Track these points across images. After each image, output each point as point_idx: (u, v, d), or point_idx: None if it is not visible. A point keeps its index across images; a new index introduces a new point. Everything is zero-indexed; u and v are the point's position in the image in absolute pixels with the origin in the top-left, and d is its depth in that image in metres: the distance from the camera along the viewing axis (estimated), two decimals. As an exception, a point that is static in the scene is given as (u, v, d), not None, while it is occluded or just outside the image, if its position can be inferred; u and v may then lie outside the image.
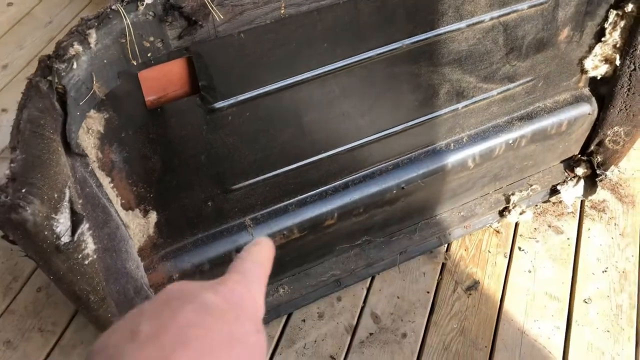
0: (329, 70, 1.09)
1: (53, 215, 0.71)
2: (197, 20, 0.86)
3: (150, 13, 0.82)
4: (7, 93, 2.11)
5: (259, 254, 0.40)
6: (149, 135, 0.98)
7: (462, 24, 1.18)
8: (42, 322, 1.48)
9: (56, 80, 0.75)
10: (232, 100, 1.02)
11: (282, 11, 0.94)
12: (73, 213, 0.74)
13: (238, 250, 1.23)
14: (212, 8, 0.85)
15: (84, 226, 0.78)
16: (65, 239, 0.74)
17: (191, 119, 1.00)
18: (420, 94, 1.27)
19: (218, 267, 1.22)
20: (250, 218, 1.23)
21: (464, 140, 1.43)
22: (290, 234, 1.29)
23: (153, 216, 1.08)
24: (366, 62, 1.13)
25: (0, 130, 1.96)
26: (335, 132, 1.23)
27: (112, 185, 0.95)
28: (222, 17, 0.87)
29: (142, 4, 0.81)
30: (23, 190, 0.67)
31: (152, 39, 0.85)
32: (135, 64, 0.86)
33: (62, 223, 0.73)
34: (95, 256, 0.83)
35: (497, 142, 1.45)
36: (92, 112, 0.84)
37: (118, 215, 0.97)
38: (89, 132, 0.86)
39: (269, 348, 1.44)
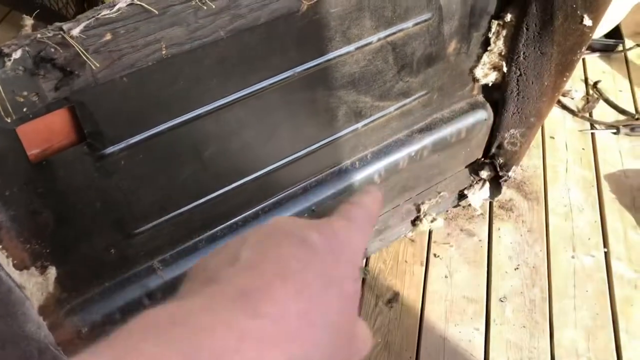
0: (222, 105, 1.09)
1: None
2: (73, 71, 0.83)
3: (20, 68, 0.79)
4: None
5: (368, 202, 0.37)
6: (37, 189, 0.94)
7: (351, 47, 1.20)
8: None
9: None
10: (122, 145, 1.00)
11: (164, 52, 0.93)
12: (-50, 287, 0.70)
13: (149, 295, 1.20)
14: (87, 57, 0.83)
15: (-34, 298, 0.74)
16: (-56, 315, 0.70)
17: (80, 168, 0.97)
18: (319, 118, 1.28)
19: (130, 315, 1.18)
20: (159, 260, 1.20)
21: (368, 157, 1.45)
22: (203, 270, 1.27)
23: (52, 272, 1.03)
24: (259, 93, 1.13)
25: None
26: (238, 164, 1.23)
27: (0, 247, 0.91)
28: (98, 65, 0.85)
29: (10, 60, 0.78)
30: None
31: (25, 93, 0.82)
32: (9, 120, 0.82)
33: (-62, 299, 0.68)
34: (-16, 326, 0.79)
35: (400, 155, 1.49)
36: (-33, 176, 0.80)
37: (10, 277, 0.92)
38: (-34, 196, 0.81)
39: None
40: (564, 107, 2.20)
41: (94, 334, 1.15)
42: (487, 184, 1.78)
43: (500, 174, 1.74)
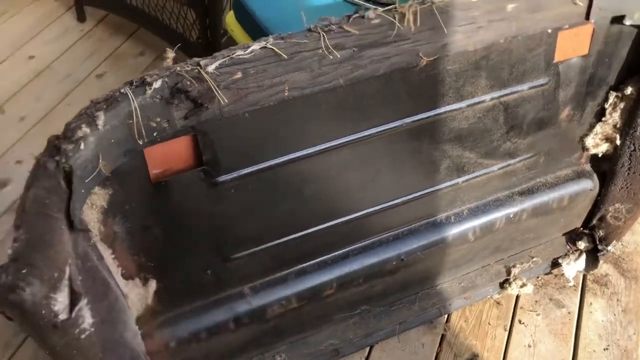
0: (331, 146, 1.12)
1: (52, 295, 0.73)
2: (203, 103, 0.89)
3: (158, 96, 0.86)
4: (23, 145, 2.16)
5: None
6: (152, 207, 1.00)
7: (463, 104, 1.21)
8: (38, 380, 1.48)
9: (63, 161, 0.78)
10: (234, 174, 1.05)
11: (286, 94, 0.97)
12: (72, 291, 0.76)
13: (236, 319, 1.24)
14: (218, 92, 0.89)
15: (82, 302, 0.80)
16: (63, 316, 0.76)
17: (194, 192, 1.03)
18: (421, 168, 1.29)
19: (215, 336, 1.23)
20: (249, 287, 1.24)
21: (465, 213, 1.44)
22: (289, 303, 1.30)
23: (152, 284, 1.10)
24: (368, 139, 1.16)
25: (15, 183, 2.01)
26: (335, 204, 1.25)
27: (113, 256, 0.98)
28: (226, 100, 0.91)
29: (150, 88, 0.85)
30: (24, 271, 0.69)
31: (158, 119, 0.88)
32: (141, 142, 0.89)
33: (61, 301, 0.75)
34: (92, 329, 0.84)
35: (497, 215, 1.47)
36: (97, 189, 0.87)
37: (118, 285, 0.98)
38: (93, 207, 0.88)
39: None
40: (675, 184, 2.09)
41: (180, 349, 1.20)
42: (584, 256, 1.71)
43: (599, 247, 1.68)
